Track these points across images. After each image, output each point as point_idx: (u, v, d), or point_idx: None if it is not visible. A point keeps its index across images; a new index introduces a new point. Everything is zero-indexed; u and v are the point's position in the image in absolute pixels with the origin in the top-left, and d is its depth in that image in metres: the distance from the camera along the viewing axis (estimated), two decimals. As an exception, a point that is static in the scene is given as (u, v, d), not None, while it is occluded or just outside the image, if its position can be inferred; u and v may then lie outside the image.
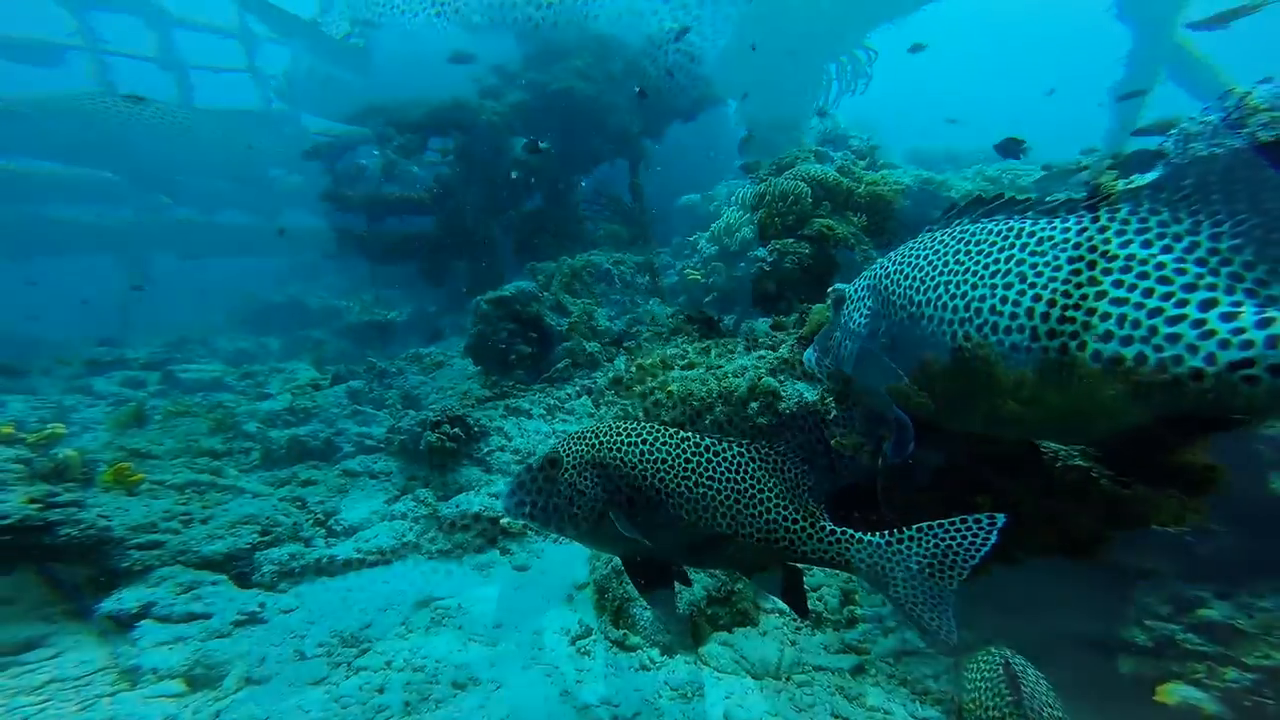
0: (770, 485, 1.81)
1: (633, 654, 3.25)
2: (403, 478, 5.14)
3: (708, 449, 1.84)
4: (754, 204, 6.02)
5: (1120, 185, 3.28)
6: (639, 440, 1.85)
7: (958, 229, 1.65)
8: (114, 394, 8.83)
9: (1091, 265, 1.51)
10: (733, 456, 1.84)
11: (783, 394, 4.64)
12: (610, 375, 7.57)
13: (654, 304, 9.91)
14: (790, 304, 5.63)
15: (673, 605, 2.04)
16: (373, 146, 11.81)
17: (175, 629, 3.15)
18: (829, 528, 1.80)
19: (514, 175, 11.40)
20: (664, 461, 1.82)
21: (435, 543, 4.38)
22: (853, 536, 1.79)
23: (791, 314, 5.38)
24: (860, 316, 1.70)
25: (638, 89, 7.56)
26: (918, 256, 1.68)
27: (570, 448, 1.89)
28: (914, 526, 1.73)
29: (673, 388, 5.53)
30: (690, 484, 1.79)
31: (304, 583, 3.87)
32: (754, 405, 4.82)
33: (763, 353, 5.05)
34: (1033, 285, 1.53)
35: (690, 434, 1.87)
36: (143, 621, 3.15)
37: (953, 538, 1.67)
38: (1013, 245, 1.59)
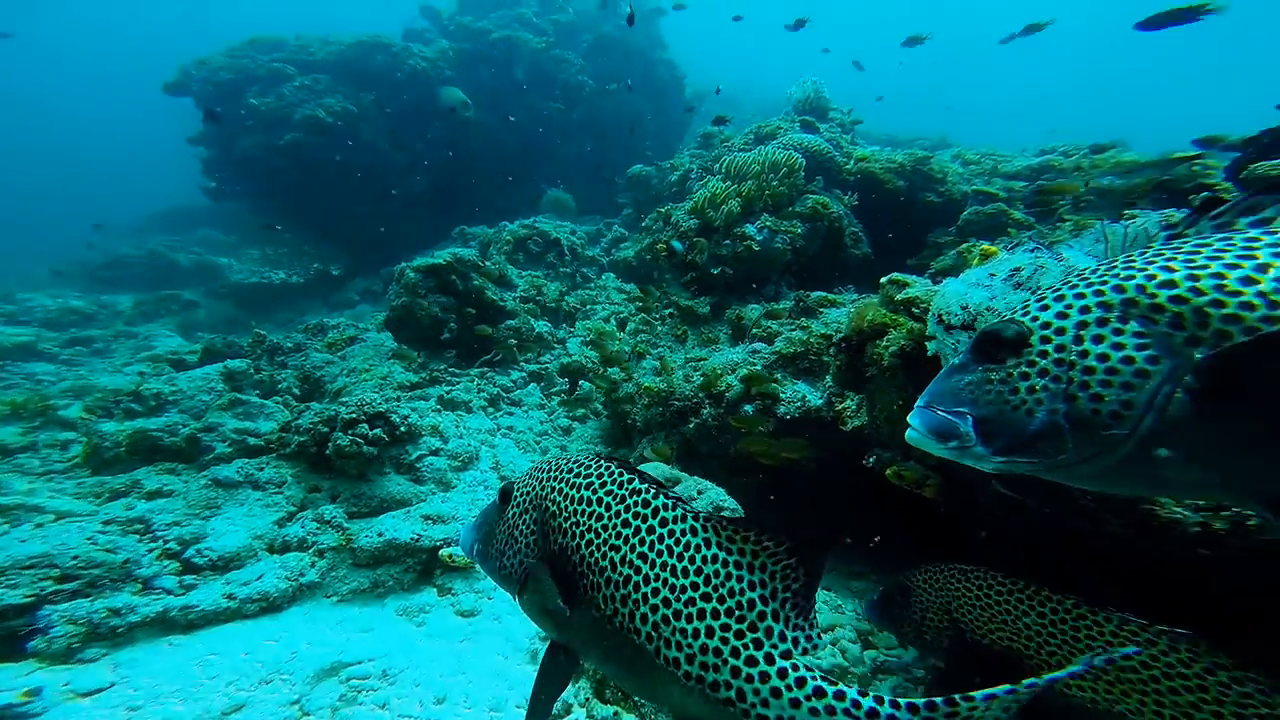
0: (729, 585, 1.10)
1: (630, 741, 2.49)
2: (300, 489, 3.94)
3: (654, 512, 1.20)
4: (738, 174, 5.30)
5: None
6: (579, 481, 1.31)
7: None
8: None
9: None
10: (683, 530, 1.16)
11: (782, 395, 4.02)
12: (563, 361, 6.65)
13: (609, 279, 8.99)
14: (778, 289, 5.02)
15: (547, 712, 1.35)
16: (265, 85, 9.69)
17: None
18: (810, 680, 1.03)
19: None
20: (597, 516, 1.24)
21: (346, 581, 3.31)
22: (859, 704, 1.00)
23: (783, 300, 4.77)
24: (1120, 348, 0.95)
25: (629, 12, 6.55)
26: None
27: (525, 479, 1.48)
28: (984, 693, 0.96)
29: (647, 383, 4.74)
30: (616, 558, 1.19)
31: (133, 646, 2.66)
32: (748, 409, 4.17)
33: (755, 345, 4.39)
34: None
35: (649, 486, 1.24)
36: None
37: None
38: None
